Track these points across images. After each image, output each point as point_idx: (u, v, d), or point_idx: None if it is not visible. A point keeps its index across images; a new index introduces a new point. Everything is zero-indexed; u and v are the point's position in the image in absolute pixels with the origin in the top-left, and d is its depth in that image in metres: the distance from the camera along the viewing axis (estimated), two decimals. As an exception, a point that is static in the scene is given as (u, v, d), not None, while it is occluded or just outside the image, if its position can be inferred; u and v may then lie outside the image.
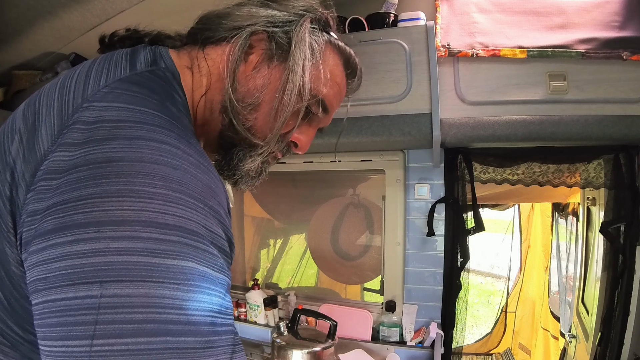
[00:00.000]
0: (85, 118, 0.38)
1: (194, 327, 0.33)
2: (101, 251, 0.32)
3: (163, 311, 0.32)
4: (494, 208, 3.34)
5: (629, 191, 1.28)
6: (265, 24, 0.55)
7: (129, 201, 0.33)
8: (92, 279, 0.31)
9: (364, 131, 1.23)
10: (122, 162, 0.35)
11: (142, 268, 0.32)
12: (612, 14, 1.13)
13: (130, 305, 0.31)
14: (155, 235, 0.33)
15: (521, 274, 3.61)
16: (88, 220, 0.33)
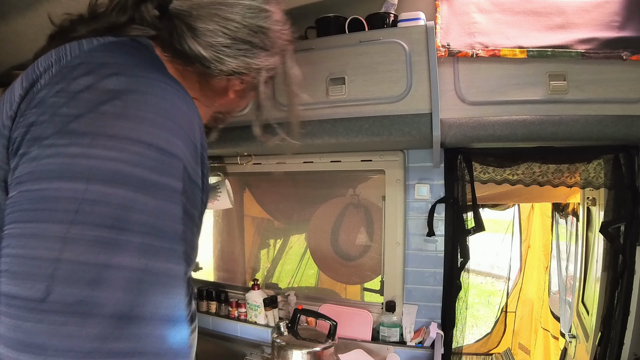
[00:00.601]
0: (89, 59, 0.46)
1: (160, 230, 0.39)
2: (92, 156, 0.38)
3: (135, 211, 0.38)
4: (494, 208, 3.34)
5: (629, 191, 1.28)
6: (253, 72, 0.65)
7: (121, 121, 0.40)
8: (79, 176, 0.37)
9: (363, 131, 1.23)
10: (121, 91, 0.42)
11: (125, 175, 0.38)
12: (612, 14, 1.13)
13: (109, 203, 0.37)
14: (140, 150, 0.39)
15: (521, 274, 3.61)
16: (84, 131, 0.39)
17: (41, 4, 1.19)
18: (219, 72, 0.60)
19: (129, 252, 0.37)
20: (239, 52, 0.61)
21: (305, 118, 1.30)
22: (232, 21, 0.60)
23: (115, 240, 0.37)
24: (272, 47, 0.67)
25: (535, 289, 3.38)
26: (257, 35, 0.63)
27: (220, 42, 0.59)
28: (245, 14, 0.61)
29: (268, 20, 0.66)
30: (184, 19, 0.57)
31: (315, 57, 1.27)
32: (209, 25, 0.58)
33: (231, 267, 2.02)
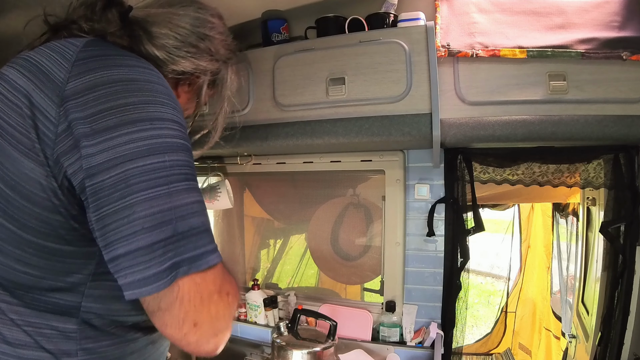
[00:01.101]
0: (87, 54, 0.57)
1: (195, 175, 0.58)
2: (158, 136, 0.54)
3: (188, 167, 0.57)
4: (494, 208, 3.34)
5: (629, 191, 1.28)
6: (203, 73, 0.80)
7: (156, 106, 0.56)
8: (158, 152, 0.53)
9: (363, 131, 1.23)
10: (138, 82, 0.56)
11: (178, 144, 0.56)
12: (611, 14, 1.13)
13: (180, 164, 0.55)
14: (174, 126, 0.57)
15: (521, 274, 3.61)
16: (142, 118, 0.54)
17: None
18: (171, 71, 0.73)
19: (196, 192, 0.56)
20: (187, 53, 0.74)
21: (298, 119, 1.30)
22: (182, 28, 0.74)
23: (190, 186, 0.56)
24: (216, 54, 0.80)
25: (537, 289, 3.38)
26: (203, 42, 0.77)
27: (171, 44, 0.72)
28: (194, 23, 0.76)
29: (213, 30, 0.80)
30: (141, 24, 0.70)
31: (315, 57, 1.27)
32: (162, 29, 0.71)
33: (231, 267, 2.02)
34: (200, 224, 0.55)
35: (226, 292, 0.58)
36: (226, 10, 1.39)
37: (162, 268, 0.50)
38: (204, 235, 0.55)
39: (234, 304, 0.60)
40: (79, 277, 0.58)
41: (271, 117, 1.34)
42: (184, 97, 0.82)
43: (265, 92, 1.35)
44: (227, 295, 0.58)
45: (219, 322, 0.58)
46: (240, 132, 1.40)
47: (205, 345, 0.58)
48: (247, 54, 1.40)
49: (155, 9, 0.74)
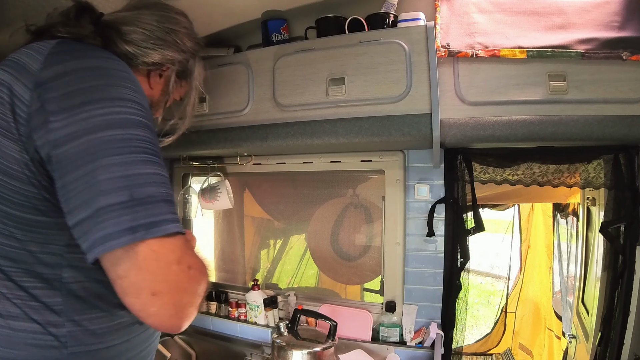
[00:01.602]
0: (59, 49, 0.64)
1: (158, 151, 0.62)
2: (117, 112, 0.59)
3: (149, 143, 0.60)
4: (494, 208, 3.34)
5: (629, 191, 1.28)
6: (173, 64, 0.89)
7: (117, 88, 0.62)
8: (117, 126, 0.58)
9: (363, 131, 1.23)
10: (103, 69, 0.63)
11: (137, 121, 0.60)
12: (611, 14, 1.13)
13: (138, 138, 0.59)
14: (137, 106, 0.62)
15: (521, 274, 3.61)
16: (104, 97, 0.59)
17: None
18: (142, 63, 0.82)
19: (156, 165, 0.59)
20: (155, 45, 0.83)
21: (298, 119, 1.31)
22: (148, 24, 0.83)
23: (148, 158, 0.59)
24: (182, 45, 0.89)
25: (537, 289, 3.38)
26: (169, 35, 0.86)
27: (140, 38, 0.81)
28: (159, 19, 0.85)
29: (177, 24, 0.89)
30: (112, 26, 0.79)
31: (315, 58, 1.27)
32: (130, 27, 0.81)
33: (231, 267, 2.02)
34: (158, 193, 0.57)
35: (187, 264, 0.58)
36: (226, 10, 1.40)
37: (118, 229, 0.53)
38: (162, 204, 0.57)
39: (199, 279, 0.60)
40: (56, 248, 0.63)
41: (271, 117, 1.34)
42: (156, 88, 0.89)
43: (265, 92, 1.35)
44: (189, 268, 0.58)
45: (180, 294, 0.57)
46: (240, 132, 1.40)
47: (167, 319, 0.57)
48: (247, 54, 1.40)
49: (123, 13, 0.85)
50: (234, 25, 1.50)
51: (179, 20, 0.90)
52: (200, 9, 1.36)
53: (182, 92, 0.98)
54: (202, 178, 1.79)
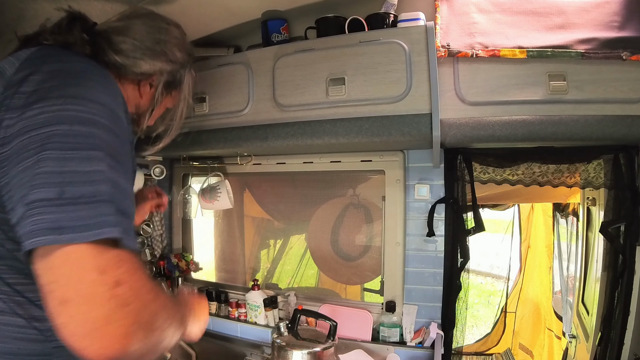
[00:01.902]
0: (35, 54, 0.66)
1: (115, 152, 0.59)
2: (67, 109, 0.57)
3: (101, 140, 0.58)
4: (494, 208, 3.34)
5: (629, 191, 1.28)
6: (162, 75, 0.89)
7: (77, 87, 0.60)
8: (63, 122, 0.55)
9: (363, 131, 1.23)
10: (71, 71, 0.63)
11: (90, 119, 0.58)
12: (611, 14, 1.13)
13: (86, 135, 0.56)
14: (96, 106, 0.59)
15: (521, 274, 3.61)
16: (58, 95, 0.58)
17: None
18: (131, 73, 0.83)
19: (104, 165, 0.56)
20: (144, 55, 0.84)
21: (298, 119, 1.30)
22: (139, 34, 0.84)
23: (95, 156, 0.55)
24: (172, 55, 0.89)
25: (538, 289, 3.38)
26: (159, 45, 0.87)
27: (129, 48, 0.82)
28: (149, 30, 0.86)
29: (167, 34, 0.89)
30: (103, 35, 0.81)
31: (315, 58, 1.27)
32: (120, 37, 0.82)
33: (231, 267, 2.02)
34: (94, 193, 0.53)
35: (115, 279, 0.51)
36: (226, 10, 1.40)
37: (41, 227, 0.49)
38: (100, 205, 0.53)
39: (128, 303, 0.51)
40: None
41: (271, 117, 1.34)
42: (145, 97, 0.89)
43: (265, 93, 1.35)
44: (116, 284, 0.50)
45: (96, 311, 0.49)
46: (240, 132, 1.40)
47: (78, 338, 0.49)
48: (247, 54, 1.40)
49: (115, 22, 0.86)
50: (234, 25, 1.50)
51: (170, 30, 0.91)
52: (201, 9, 1.36)
53: (173, 102, 0.98)
54: (202, 178, 1.79)
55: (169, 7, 1.28)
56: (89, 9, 0.88)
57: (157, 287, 0.58)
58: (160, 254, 1.96)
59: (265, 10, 1.43)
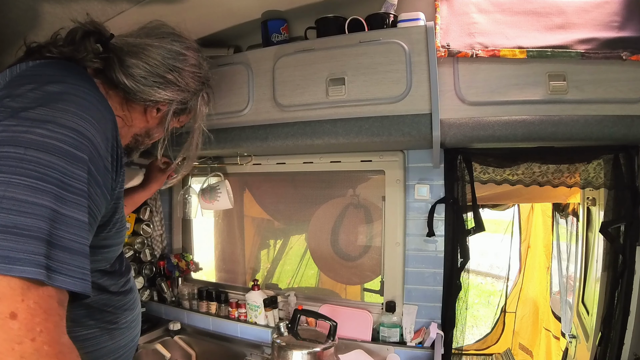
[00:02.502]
0: (29, 72, 0.65)
1: (70, 186, 0.55)
2: (29, 132, 0.54)
3: (55, 171, 0.54)
4: (494, 208, 3.34)
5: (629, 191, 1.28)
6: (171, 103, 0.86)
7: (53, 111, 0.57)
8: (20, 145, 0.53)
9: (363, 132, 1.23)
10: (53, 93, 0.60)
11: (51, 146, 0.54)
12: (611, 14, 1.13)
13: (39, 163, 0.53)
14: (64, 132, 0.56)
15: (521, 274, 3.61)
16: (26, 117, 0.55)
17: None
18: (139, 98, 0.80)
19: (49, 197, 0.52)
20: (154, 83, 0.80)
21: (298, 119, 1.30)
22: (153, 59, 0.80)
23: (41, 187, 0.52)
24: (184, 85, 0.85)
25: (537, 289, 3.38)
26: (172, 73, 0.83)
27: (139, 73, 0.79)
28: (165, 55, 0.82)
29: (184, 62, 0.85)
30: (117, 52, 0.77)
31: (315, 58, 1.27)
32: (133, 59, 0.79)
33: (231, 267, 2.02)
34: (29, 227, 0.50)
35: (10, 310, 0.47)
36: (226, 10, 1.40)
37: None
38: (26, 240, 0.49)
39: (20, 341, 0.47)
40: None
41: (271, 117, 1.34)
42: (152, 122, 0.88)
43: (265, 93, 1.35)
44: (12, 316, 0.47)
45: None
46: (240, 133, 1.40)
47: None
48: (247, 54, 1.40)
49: (133, 39, 0.82)
50: (234, 26, 1.50)
51: (186, 57, 0.86)
52: (201, 9, 1.36)
53: (182, 123, 0.96)
54: (202, 178, 1.79)
55: (169, 8, 1.28)
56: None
57: (68, 355, 0.54)
58: (160, 254, 1.97)
59: (265, 10, 1.43)
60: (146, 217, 1.89)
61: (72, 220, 0.55)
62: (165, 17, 1.28)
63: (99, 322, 0.74)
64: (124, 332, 0.80)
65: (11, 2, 1.19)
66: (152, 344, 1.67)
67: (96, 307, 0.74)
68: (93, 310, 0.73)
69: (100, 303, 0.75)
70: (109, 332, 0.76)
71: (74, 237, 0.54)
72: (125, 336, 0.81)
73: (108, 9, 1.21)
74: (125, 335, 0.81)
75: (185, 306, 1.87)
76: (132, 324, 0.84)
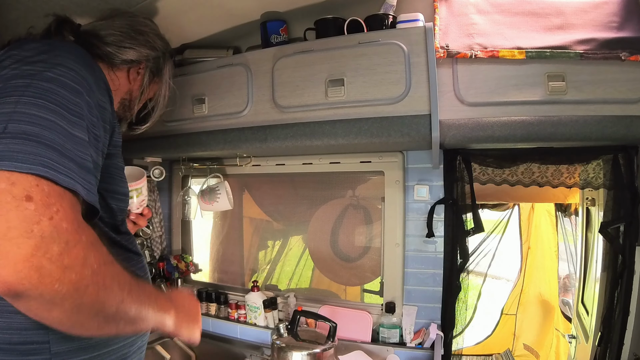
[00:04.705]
0: (20, 42, 0.72)
1: (71, 108, 0.62)
2: (32, 69, 0.62)
3: (57, 96, 0.61)
4: (494, 209, 3.34)
5: (628, 191, 1.28)
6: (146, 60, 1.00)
7: (52, 57, 0.66)
8: (26, 77, 0.61)
9: (363, 132, 1.23)
10: (52, 45, 0.71)
11: (53, 78, 0.62)
12: (610, 15, 1.13)
13: (45, 89, 0.60)
14: (64, 69, 0.65)
15: (521, 275, 3.61)
16: (30, 61, 0.64)
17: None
18: (121, 61, 0.93)
19: (56, 115, 0.58)
20: (131, 44, 0.94)
21: (297, 120, 1.30)
22: (121, 27, 0.95)
23: (47, 105, 0.58)
24: (154, 44, 1.01)
25: (543, 289, 3.37)
26: (142, 35, 0.98)
27: (116, 39, 0.93)
28: (130, 23, 0.98)
29: (146, 27, 1.01)
30: (91, 33, 0.91)
31: (315, 59, 1.27)
32: (107, 31, 0.93)
33: (231, 268, 2.02)
34: (38, 135, 0.55)
35: (25, 194, 0.50)
36: (225, 11, 1.40)
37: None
38: (36, 145, 0.53)
39: (37, 220, 0.49)
40: None
41: (270, 118, 1.34)
42: (135, 84, 0.99)
43: (265, 94, 1.35)
44: (27, 199, 0.49)
45: (5, 231, 0.48)
46: (239, 133, 1.41)
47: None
48: (246, 56, 1.40)
49: (98, 21, 0.97)
50: (233, 27, 1.51)
51: (147, 23, 1.03)
52: (200, 10, 1.36)
53: (156, 89, 1.09)
54: (202, 179, 1.79)
55: (169, 9, 1.29)
56: (87, 19, 0.94)
57: (103, 250, 0.57)
58: (160, 255, 1.96)
59: (265, 11, 1.43)
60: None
61: (76, 138, 0.60)
62: (165, 17, 1.29)
63: None
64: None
65: (11, 4, 1.19)
66: (152, 345, 1.67)
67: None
68: None
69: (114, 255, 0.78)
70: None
71: (79, 153, 0.59)
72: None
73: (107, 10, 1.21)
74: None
75: (184, 307, 1.87)
76: None
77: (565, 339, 2.21)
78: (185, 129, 1.51)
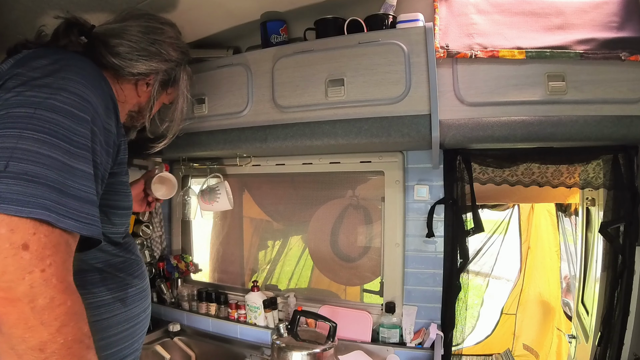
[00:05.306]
0: (29, 55, 0.72)
1: (75, 142, 0.62)
2: (36, 96, 0.62)
3: (62, 128, 0.61)
4: (494, 209, 3.34)
5: (628, 191, 1.28)
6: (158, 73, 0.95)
7: (53, 78, 0.65)
8: (29, 105, 0.60)
9: (363, 132, 1.23)
10: (55, 63, 0.69)
11: (57, 106, 0.62)
12: (610, 15, 1.13)
13: (47, 120, 0.60)
14: (67, 95, 0.64)
15: (521, 275, 3.61)
16: (32, 85, 0.63)
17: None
18: (128, 74, 0.88)
19: (59, 151, 0.59)
20: (140, 57, 0.88)
21: (297, 120, 1.30)
22: (134, 36, 0.88)
23: (50, 141, 0.59)
24: (167, 55, 0.93)
25: (544, 289, 3.37)
26: (154, 45, 0.91)
27: (125, 51, 0.87)
28: (144, 30, 0.90)
29: (162, 35, 0.93)
30: (101, 38, 0.86)
31: (315, 59, 1.27)
32: (117, 40, 0.87)
33: (231, 268, 2.02)
34: (38, 175, 0.56)
35: (22, 243, 0.53)
36: (226, 11, 1.41)
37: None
38: (36, 186, 0.55)
39: (30, 270, 0.53)
40: None
41: (270, 118, 1.34)
42: (143, 97, 0.95)
43: (265, 94, 1.35)
44: (24, 247, 0.53)
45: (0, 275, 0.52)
46: (239, 134, 1.41)
47: None
48: (246, 56, 1.40)
49: (112, 25, 0.90)
50: (233, 27, 1.51)
51: (164, 30, 0.95)
52: (200, 10, 1.36)
53: (171, 98, 1.04)
54: (202, 179, 1.79)
55: (168, 9, 1.28)
56: (87, 17, 0.91)
57: (83, 327, 0.59)
58: (160, 255, 1.96)
59: (265, 11, 1.43)
60: (145, 218, 1.88)
61: (79, 171, 0.61)
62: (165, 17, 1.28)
63: (111, 289, 0.78)
64: (134, 300, 0.83)
65: (11, 4, 1.19)
66: (151, 346, 1.67)
67: (109, 272, 0.79)
68: (106, 275, 0.78)
69: (113, 267, 0.80)
70: (122, 301, 0.80)
71: (82, 187, 0.61)
72: (136, 305, 0.84)
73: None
74: (137, 305, 0.84)
75: (184, 307, 1.87)
76: (143, 294, 0.88)
77: (566, 338, 2.20)
78: (185, 129, 1.50)
